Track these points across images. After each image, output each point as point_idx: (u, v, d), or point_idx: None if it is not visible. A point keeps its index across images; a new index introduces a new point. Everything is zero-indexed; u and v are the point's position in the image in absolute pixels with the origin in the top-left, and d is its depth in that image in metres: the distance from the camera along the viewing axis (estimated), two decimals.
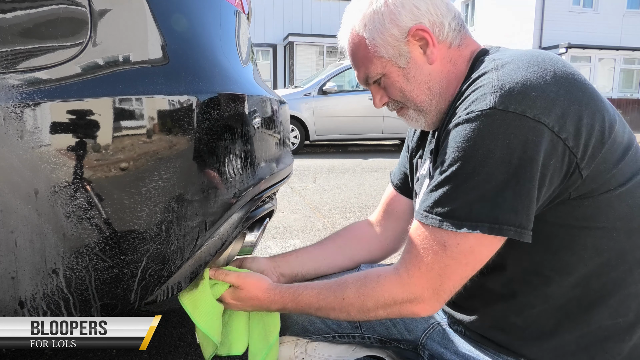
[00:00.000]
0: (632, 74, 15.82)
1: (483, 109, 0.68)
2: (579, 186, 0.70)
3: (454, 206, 0.70)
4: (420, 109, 0.90)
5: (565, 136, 0.67)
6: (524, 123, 0.66)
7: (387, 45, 0.85)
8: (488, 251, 0.71)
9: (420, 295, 0.76)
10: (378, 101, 0.94)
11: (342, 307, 0.83)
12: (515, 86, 0.68)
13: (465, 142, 0.69)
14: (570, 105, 0.68)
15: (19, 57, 0.58)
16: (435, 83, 0.88)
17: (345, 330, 1.10)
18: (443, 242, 0.71)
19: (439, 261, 0.73)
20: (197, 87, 0.72)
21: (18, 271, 0.60)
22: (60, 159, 0.58)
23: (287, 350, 1.15)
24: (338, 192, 3.96)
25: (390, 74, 0.88)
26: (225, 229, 0.81)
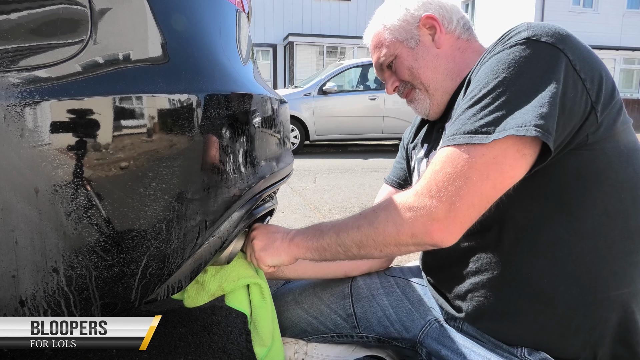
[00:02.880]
0: (632, 74, 15.83)
1: (517, 40, 0.72)
2: (595, 131, 0.72)
3: (485, 121, 0.70)
4: (427, 88, 0.97)
5: (584, 76, 0.71)
6: (555, 52, 0.70)
7: (401, 29, 0.97)
8: (511, 166, 0.68)
9: (434, 210, 0.70)
10: (390, 85, 1.03)
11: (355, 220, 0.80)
12: (545, 26, 0.73)
13: (498, 65, 0.72)
14: (588, 56, 0.73)
15: (19, 56, 0.58)
16: (441, 63, 0.96)
17: (343, 330, 1.10)
18: (466, 156, 0.69)
19: (459, 172, 0.69)
20: (198, 86, 0.72)
21: (19, 270, 0.60)
22: (61, 157, 0.58)
23: (287, 351, 1.15)
24: (338, 192, 3.96)
25: (401, 55, 0.98)
26: (225, 227, 0.81)
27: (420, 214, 0.71)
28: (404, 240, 0.74)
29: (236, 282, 0.91)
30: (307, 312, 1.11)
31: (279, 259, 0.89)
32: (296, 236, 0.89)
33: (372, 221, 0.77)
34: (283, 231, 0.92)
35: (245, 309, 0.93)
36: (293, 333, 1.14)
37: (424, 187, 0.72)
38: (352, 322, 1.09)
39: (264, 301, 0.93)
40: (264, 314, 0.93)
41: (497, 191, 0.70)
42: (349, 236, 0.80)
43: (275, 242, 0.90)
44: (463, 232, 0.72)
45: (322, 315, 1.10)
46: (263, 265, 0.92)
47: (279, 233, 0.92)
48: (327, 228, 0.85)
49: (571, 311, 0.76)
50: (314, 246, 0.85)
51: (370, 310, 1.07)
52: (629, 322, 0.77)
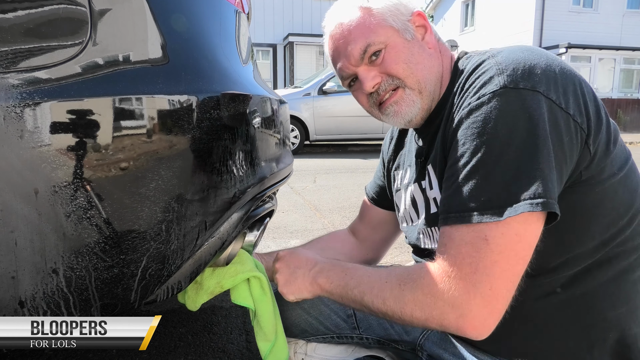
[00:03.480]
0: (632, 74, 15.82)
1: (495, 90, 0.67)
2: (588, 165, 0.70)
3: (491, 195, 0.64)
4: (421, 89, 0.85)
5: (573, 112, 0.68)
6: (538, 97, 0.66)
7: (395, 16, 0.84)
8: (533, 235, 0.65)
9: (466, 305, 0.64)
10: (370, 80, 0.85)
11: (381, 289, 0.75)
12: (518, 66, 0.69)
13: (484, 125, 0.67)
14: (568, 84, 0.69)
15: (19, 57, 0.58)
16: (435, 65, 0.86)
17: (343, 331, 1.10)
18: (484, 236, 0.64)
19: (484, 259, 0.64)
20: (197, 87, 0.72)
21: (18, 271, 0.60)
22: (60, 158, 0.58)
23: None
24: (338, 192, 3.95)
25: (395, 45, 0.83)
26: (225, 228, 0.81)
27: (452, 307, 0.66)
28: (432, 326, 0.70)
29: (234, 278, 0.91)
30: (307, 313, 1.11)
31: (301, 296, 0.88)
32: (319, 277, 0.85)
33: (398, 299, 0.72)
34: (305, 265, 0.88)
35: (251, 303, 0.92)
36: (293, 333, 1.14)
37: (450, 276, 0.66)
38: (352, 323, 1.09)
39: (265, 294, 0.93)
40: (266, 307, 0.93)
41: (525, 262, 0.66)
42: (373, 305, 0.76)
43: (297, 280, 0.87)
44: (501, 316, 0.67)
45: (322, 316, 1.10)
46: (286, 298, 0.90)
47: (301, 269, 0.88)
48: (352, 282, 0.80)
49: (567, 333, 0.75)
50: (337, 295, 0.82)
51: None
52: (627, 339, 0.76)
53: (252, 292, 0.93)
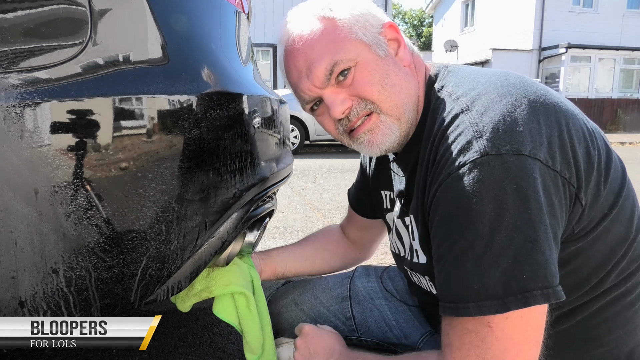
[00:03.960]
0: (632, 74, 15.82)
1: (475, 158, 0.58)
2: (580, 218, 0.64)
3: (486, 282, 0.57)
4: (398, 115, 0.73)
5: (560, 168, 0.61)
6: (523, 162, 0.58)
7: (364, 28, 0.72)
8: (540, 316, 0.59)
9: None
10: (340, 105, 0.72)
11: None
12: (497, 125, 0.60)
13: (468, 200, 0.58)
14: (553, 133, 0.62)
15: (19, 57, 0.58)
16: (412, 86, 0.75)
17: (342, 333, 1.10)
18: (487, 322, 0.58)
19: (492, 348, 0.58)
20: (197, 87, 0.72)
21: (18, 271, 0.60)
22: (61, 158, 0.58)
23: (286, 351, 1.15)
24: (338, 192, 3.95)
25: (367, 62, 0.71)
26: (225, 228, 0.81)
27: None
28: None
29: (225, 288, 0.91)
30: (306, 314, 1.11)
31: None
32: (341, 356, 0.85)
33: None
34: (324, 354, 0.88)
35: (232, 319, 0.93)
36: (292, 334, 1.14)
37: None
38: (351, 325, 1.09)
39: (250, 312, 0.93)
40: (250, 324, 0.93)
41: (539, 344, 0.60)
42: None
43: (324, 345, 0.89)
44: None
45: (320, 318, 1.10)
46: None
47: (320, 356, 0.88)
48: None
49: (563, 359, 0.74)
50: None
51: (369, 314, 1.07)
52: (621, 356, 0.75)
53: (238, 309, 0.93)
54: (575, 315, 0.72)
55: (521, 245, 0.56)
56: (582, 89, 15.20)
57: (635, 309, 0.75)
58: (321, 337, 0.91)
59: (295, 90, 0.78)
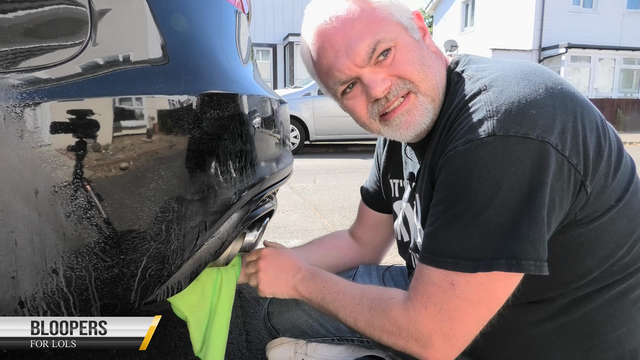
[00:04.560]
0: (632, 74, 15.82)
1: (482, 137, 0.62)
2: (584, 205, 0.66)
3: (467, 246, 0.63)
4: (433, 97, 0.75)
5: (569, 154, 0.63)
6: (528, 146, 0.61)
7: (402, 12, 0.74)
8: (504, 288, 0.65)
9: (428, 339, 0.67)
10: (380, 83, 0.72)
11: (353, 311, 0.78)
12: (511, 106, 0.62)
13: (468, 175, 0.63)
14: (567, 119, 0.64)
15: (19, 57, 0.58)
16: (441, 70, 0.77)
17: (344, 334, 1.10)
18: (451, 280, 0.65)
19: (448, 301, 0.65)
20: (197, 87, 0.72)
21: (18, 271, 0.60)
22: (60, 158, 0.58)
23: (287, 351, 1.15)
24: (338, 192, 3.96)
25: (407, 44, 0.73)
26: (225, 228, 0.81)
27: (415, 339, 0.69)
28: (400, 349, 0.73)
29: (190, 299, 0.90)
30: (308, 314, 1.11)
31: (279, 297, 0.93)
32: (300, 286, 0.89)
33: (368, 324, 0.76)
34: (290, 271, 0.91)
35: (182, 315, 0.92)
36: (293, 334, 1.14)
37: (416, 313, 0.68)
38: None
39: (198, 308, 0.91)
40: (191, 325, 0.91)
41: (492, 311, 0.66)
42: (347, 322, 0.80)
43: (280, 284, 0.91)
44: (462, 350, 0.69)
45: (322, 318, 1.10)
46: (261, 294, 0.93)
47: (285, 273, 0.91)
48: (329, 297, 0.83)
49: (568, 357, 0.75)
50: (315, 304, 0.87)
51: None
52: (627, 356, 0.75)
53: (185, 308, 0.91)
54: (577, 308, 0.72)
55: (504, 222, 0.61)
56: (582, 89, 15.19)
57: (639, 307, 0.75)
58: (283, 256, 0.93)
59: (330, 71, 0.76)
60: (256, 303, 1.66)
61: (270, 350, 1.17)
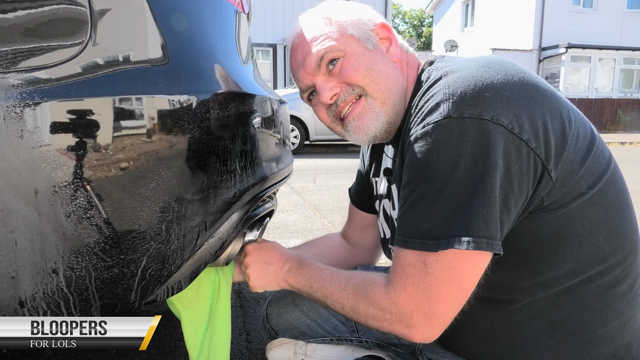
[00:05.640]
0: (632, 74, 15.81)
1: (438, 120, 0.65)
2: (550, 191, 0.68)
3: (430, 226, 0.66)
4: (384, 100, 0.80)
5: (527, 137, 0.65)
6: (482, 127, 0.63)
7: (356, 26, 0.81)
8: (471, 266, 0.67)
9: (410, 319, 0.70)
10: (328, 91, 0.81)
11: (340, 297, 0.80)
12: (467, 89, 0.65)
13: (427, 157, 0.66)
14: (525, 105, 0.66)
15: (19, 57, 0.58)
16: (399, 77, 0.82)
17: (343, 334, 1.10)
18: (423, 260, 0.68)
19: (423, 280, 0.68)
20: (197, 87, 0.72)
21: (18, 271, 0.60)
22: (60, 158, 0.58)
23: (287, 351, 1.15)
24: (338, 192, 3.96)
25: (355, 53, 0.80)
26: (225, 228, 0.81)
27: (398, 320, 0.72)
28: (385, 331, 0.76)
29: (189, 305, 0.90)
30: (306, 315, 1.11)
31: (271, 289, 0.94)
32: (288, 275, 0.90)
33: (354, 309, 0.78)
34: (277, 262, 0.92)
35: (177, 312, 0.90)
36: (292, 335, 1.14)
37: (397, 295, 0.71)
38: (351, 326, 1.09)
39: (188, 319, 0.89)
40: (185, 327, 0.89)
41: (465, 290, 0.68)
42: (334, 308, 0.82)
43: (269, 276, 0.92)
44: (443, 329, 0.71)
45: (321, 319, 1.10)
46: (254, 290, 0.94)
47: (273, 265, 0.92)
48: (316, 284, 0.85)
49: (559, 356, 0.75)
50: (304, 292, 0.89)
51: None
52: (620, 350, 0.75)
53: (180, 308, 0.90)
54: (562, 304, 0.73)
55: (462, 201, 0.64)
56: (582, 89, 15.20)
57: (627, 300, 0.75)
58: (268, 248, 0.95)
59: (295, 81, 0.88)
60: (256, 303, 1.66)
61: (270, 350, 1.17)
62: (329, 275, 0.85)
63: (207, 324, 0.90)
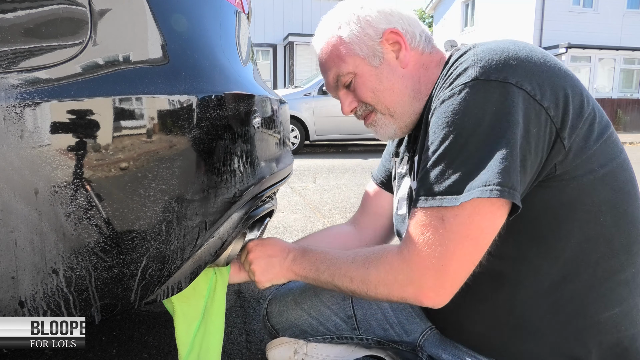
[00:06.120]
0: (632, 74, 15.80)
1: (466, 82, 0.70)
2: (563, 160, 0.70)
3: (452, 182, 0.68)
4: (391, 113, 0.89)
5: (547, 105, 0.68)
6: (507, 89, 0.67)
7: (362, 43, 0.86)
8: (489, 221, 0.68)
9: (421, 280, 0.71)
10: (347, 106, 0.92)
11: (348, 270, 0.81)
12: (494, 56, 0.70)
13: (453, 115, 0.70)
14: (548, 77, 0.70)
15: (19, 57, 0.58)
16: (408, 85, 0.87)
17: (343, 332, 1.10)
18: (441, 216, 0.69)
19: (438, 237, 0.69)
20: (197, 87, 0.72)
21: (18, 271, 0.60)
22: (60, 158, 0.58)
23: (287, 351, 1.15)
24: (338, 192, 3.96)
25: (362, 73, 0.87)
26: (225, 228, 0.81)
27: (410, 281, 0.72)
28: (395, 300, 0.76)
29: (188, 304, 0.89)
30: (307, 313, 1.11)
31: (278, 282, 0.94)
32: (294, 264, 0.91)
33: (364, 278, 0.79)
34: (280, 254, 0.93)
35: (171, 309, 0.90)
36: (293, 334, 1.14)
37: (410, 253, 0.72)
38: (352, 324, 1.09)
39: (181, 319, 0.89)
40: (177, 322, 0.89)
41: (480, 247, 0.69)
42: (343, 284, 0.82)
43: (275, 268, 0.92)
44: (455, 292, 0.72)
45: (322, 317, 1.10)
46: (260, 286, 0.94)
47: (276, 257, 0.93)
48: (322, 266, 0.86)
49: (562, 338, 0.75)
50: (311, 278, 0.88)
51: (370, 313, 1.07)
52: (624, 341, 0.76)
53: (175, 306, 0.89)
54: (567, 285, 0.74)
55: (485, 156, 0.66)
56: None
57: (630, 289, 0.76)
58: (268, 242, 0.96)
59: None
60: (256, 303, 1.66)
61: (270, 350, 1.17)
62: (335, 254, 0.86)
63: (200, 322, 0.90)
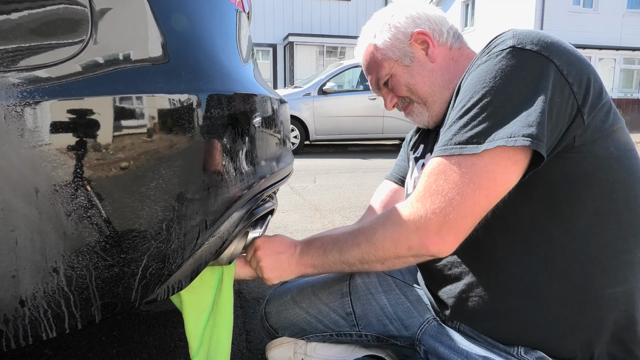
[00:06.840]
0: (632, 74, 15.82)
1: (503, 49, 0.73)
2: (582, 133, 0.73)
3: (476, 132, 0.70)
4: (424, 101, 1.01)
5: (572, 81, 0.71)
6: (539, 59, 0.71)
7: (394, 47, 1.00)
8: (503, 173, 0.69)
9: (427, 224, 0.72)
10: (389, 102, 1.07)
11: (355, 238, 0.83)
12: (532, 34, 0.75)
13: (485, 74, 0.73)
14: (575, 60, 0.74)
15: (19, 56, 0.58)
16: (437, 76, 0.99)
17: (343, 329, 1.10)
18: (458, 164, 0.70)
19: (451, 184, 0.70)
20: (198, 86, 0.72)
21: (19, 270, 0.60)
22: (61, 157, 0.58)
23: (286, 351, 1.15)
24: (338, 192, 3.96)
25: (396, 73, 1.01)
26: (225, 227, 0.81)
27: (416, 227, 0.73)
28: (402, 253, 0.77)
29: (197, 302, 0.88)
30: (306, 311, 1.11)
31: (286, 278, 0.96)
32: (302, 256, 0.92)
33: (370, 238, 0.81)
34: (288, 249, 0.95)
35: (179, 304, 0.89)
36: (292, 332, 1.14)
37: (418, 200, 0.74)
38: (351, 321, 1.09)
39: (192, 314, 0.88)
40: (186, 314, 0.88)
41: (490, 199, 0.71)
42: (351, 254, 0.84)
43: (283, 264, 0.94)
44: (460, 241, 0.73)
45: (321, 314, 1.10)
46: (269, 283, 0.96)
47: (285, 253, 0.94)
48: (329, 246, 0.88)
49: (566, 309, 0.77)
50: (320, 264, 0.90)
51: (369, 309, 1.07)
52: (624, 320, 0.77)
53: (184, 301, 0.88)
54: (577, 256, 0.76)
55: (509, 112, 0.69)
56: None
57: (635, 272, 0.78)
58: (275, 239, 0.98)
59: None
60: (256, 303, 1.66)
61: (270, 350, 1.17)
62: (341, 230, 0.89)
63: (209, 314, 0.90)
